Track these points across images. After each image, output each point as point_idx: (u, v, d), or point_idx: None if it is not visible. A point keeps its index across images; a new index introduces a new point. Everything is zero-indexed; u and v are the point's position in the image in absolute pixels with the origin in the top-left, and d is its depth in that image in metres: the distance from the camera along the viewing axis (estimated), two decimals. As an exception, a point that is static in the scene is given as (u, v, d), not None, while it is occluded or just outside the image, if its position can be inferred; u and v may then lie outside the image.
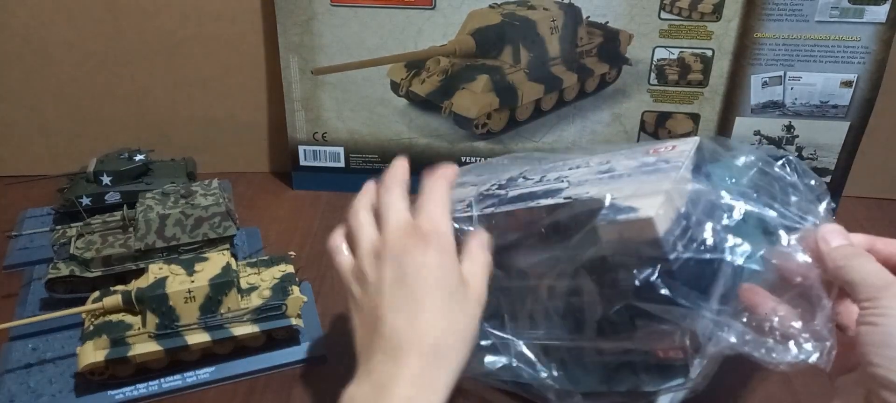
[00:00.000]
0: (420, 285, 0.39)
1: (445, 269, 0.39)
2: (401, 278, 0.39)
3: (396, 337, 0.38)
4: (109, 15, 0.78)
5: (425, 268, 0.39)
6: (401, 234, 0.40)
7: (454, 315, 0.39)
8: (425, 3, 0.73)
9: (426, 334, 0.37)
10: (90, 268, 0.62)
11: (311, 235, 0.76)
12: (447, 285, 0.39)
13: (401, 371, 0.36)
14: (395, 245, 0.40)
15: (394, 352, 0.37)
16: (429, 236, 0.39)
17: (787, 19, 0.71)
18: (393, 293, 0.39)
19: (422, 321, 0.38)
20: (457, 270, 0.40)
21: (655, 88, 0.76)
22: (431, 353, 0.37)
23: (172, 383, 0.56)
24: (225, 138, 0.86)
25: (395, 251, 0.40)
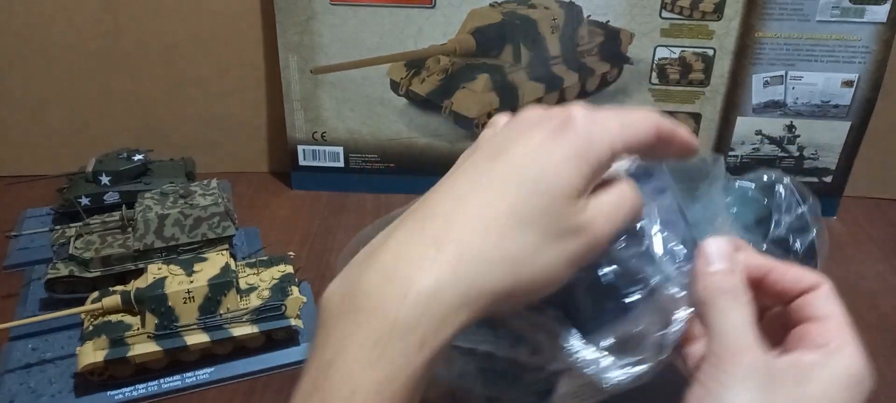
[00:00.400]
0: (497, 165, 0.30)
1: (550, 159, 0.29)
2: (491, 150, 0.31)
3: (422, 216, 0.29)
4: (109, 15, 0.78)
5: (523, 145, 0.30)
6: (536, 112, 0.32)
7: (519, 224, 0.28)
8: (425, 2, 0.73)
9: (459, 228, 0.28)
10: (89, 268, 0.62)
11: (311, 235, 0.76)
12: (534, 177, 0.29)
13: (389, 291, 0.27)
14: (519, 120, 0.32)
15: (410, 232, 0.29)
16: (571, 121, 0.30)
17: (788, 19, 0.70)
18: (465, 164, 0.31)
19: (464, 207, 0.29)
20: (571, 171, 0.29)
21: (656, 88, 0.76)
22: (455, 258, 0.28)
23: (172, 383, 0.56)
24: (224, 138, 0.86)
25: (513, 123, 0.32)
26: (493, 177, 0.30)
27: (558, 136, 0.30)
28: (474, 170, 0.31)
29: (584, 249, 0.30)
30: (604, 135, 0.31)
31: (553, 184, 0.29)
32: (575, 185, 0.29)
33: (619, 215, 0.32)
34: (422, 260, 0.28)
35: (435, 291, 0.27)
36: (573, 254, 0.30)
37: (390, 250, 0.29)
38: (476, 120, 0.78)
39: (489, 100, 0.77)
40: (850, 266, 0.73)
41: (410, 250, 0.28)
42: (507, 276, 0.28)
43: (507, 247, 0.28)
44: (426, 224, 0.29)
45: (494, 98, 0.77)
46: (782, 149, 0.78)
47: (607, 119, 0.31)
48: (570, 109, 0.31)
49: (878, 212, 0.82)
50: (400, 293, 0.27)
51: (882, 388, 0.58)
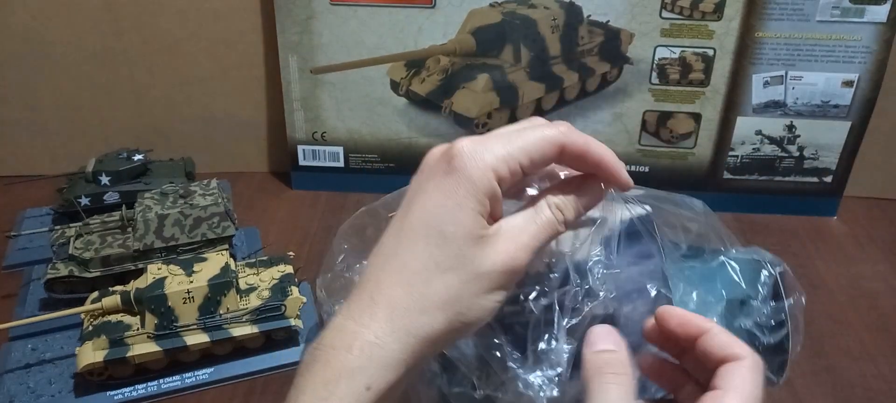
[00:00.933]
0: (408, 221, 0.33)
1: (445, 208, 0.32)
2: (405, 205, 0.34)
3: (364, 278, 0.33)
4: (109, 15, 0.78)
5: (423, 198, 0.33)
6: (435, 155, 0.35)
7: (437, 272, 0.32)
8: (425, 2, 0.73)
9: (387, 285, 0.32)
10: (89, 269, 0.62)
11: (311, 235, 0.76)
12: (437, 228, 0.32)
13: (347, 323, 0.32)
14: (423, 167, 0.35)
15: (356, 293, 0.33)
16: (453, 161, 0.33)
17: (788, 19, 0.70)
18: (391, 223, 0.34)
19: (390, 265, 0.33)
20: (465, 215, 0.32)
21: (657, 87, 0.76)
22: (388, 311, 0.32)
23: (171, 384, 0.56)
24: (224, 138, 0.86)
25: (419, 174, 0.35)
26: (407, 233, 0.33)
27: (446, 182, 0.33)
28: (394, 228, 0.34)
29: (507, 279, 0.33)
30: (484, 166, 0.33)
31: (454, 230, 0.32)
32: (472, 226, 0.32)
33: (525, 240, 0.33)
34: (361, 316, 0.32)
35: (375, 342, 0.31)
36: (496, 286, 0.33)
37: (341, 312, 0.33)
38: (476, 120, 0.78)
39: (489, 101, 0.77)
40: (850, 266, 0.73)
41: (353, 308, 0.33)
42: (440, 320, 0.32)
43: (434, 294, 0.32)
44: (364, 285, 0.33)
45: (494, 98, 0.77)
46: (782, 149, 0.77)
47: (491, 144, 0.33)
48: (454, 147, 0.33)
49: (879, 212, 0.82)
50: (347, 344, 0.31)
51: (882, 387, 0.58)
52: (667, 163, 0.79)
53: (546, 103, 0.78)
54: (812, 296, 0.68)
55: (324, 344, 0.32)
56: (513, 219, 0.34)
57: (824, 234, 0.78)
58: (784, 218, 0.80)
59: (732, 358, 0.33)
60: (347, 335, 0.32)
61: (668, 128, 0.78)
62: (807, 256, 0.74)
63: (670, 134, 0.78)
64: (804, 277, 0.71)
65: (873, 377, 0.58)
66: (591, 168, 0.35)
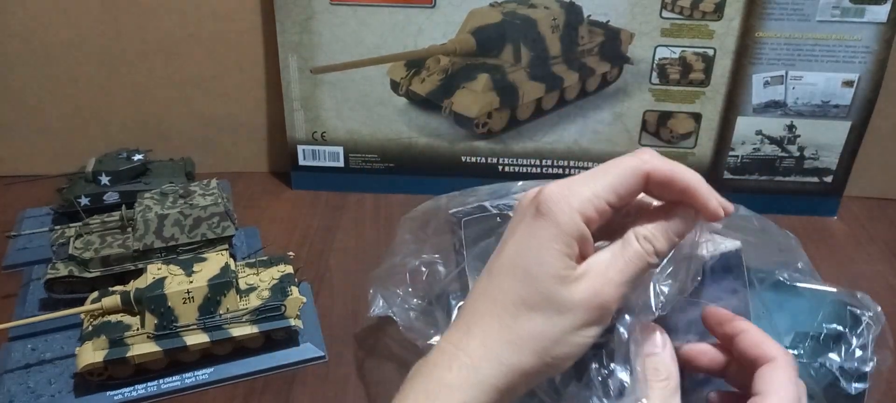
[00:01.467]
0: (500, 260, 0.35)
1: (531, 249, 0.34)
2: (499, 246, 0.36)
3: (463, 309, 0.36)
4: (109, 15, 0.78)
5: (513, 240, 0.35)
6: (527, 198, 0.36)
7: (523, 308, 0.34)
8: (425, 2, 0.73)
9: (480, 315, 0.35)
10: (89, 269, 0.62)
11: (311, 235, 0.76)
12: (524, 267, 0.34)
13: (440, 363, 0.34)
14: (515, 210, 0.37)
15: (455, 322, 0.36)
16: (540, 206, 0.34)
17: (788, 19, 0.70)
18: (488, 262, 0.36)
19: (484, 299, 0.35)
20: (550, 255, 0.33)
21: (657, 87, 0.76)
22: (481, 339, 0.34)
23: (171, 384, 0.56)
24: (223, 138, 0.86)
25: (512, 218, 0.36)
26: (498, 271, 0.35)
27: (534, 224, 0.34)
28: (488, 267, 0.36)
29: (594, 316, 0.34)
30: (570, 209, 0.34)
31: (540, 271, 0.34)
32: (557, 267, 0.33)
33: (611, 275, 0.34)
34: (459, 341, 0.35)
35: (470, 364, 0.34)
36: (583, 323, 0.34)
37: (444, 336, 0.36)
38: (476, 120, 0.78)
39: (489, 100, 0.77)
40: (850, 266, 0.73)
41: (453, 334, 0.35)
42: (528, 354, 0.34)
43: (523, 329, 0.34)
44: (463, 315, 0.36)
45: (494, 98, 0.77)
46: (783, 149, 0.77)
47: (576, 187, 0.34)
48: (542, 193, 0.35)
49: (879, 212, 0.82)
50: (447, 363, 0.34)
51: (882, 387, 0.58)
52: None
53: (546, 103, 0.78)
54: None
55: (428, 361, 0.35)
56: (600, 255, 0.35)
57: (824, 234, 0.78)
58: (784, 218, 0.80)
59: (765, 359, 0.35)
60: (447, 355, 0.35)
61: (668, 128, 0.78)
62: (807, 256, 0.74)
63: (671, 134, 0.78)
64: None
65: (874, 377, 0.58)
66: (679, 195, 0.35)
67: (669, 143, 0.78)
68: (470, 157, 0.81)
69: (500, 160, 0.81)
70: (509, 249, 0.35)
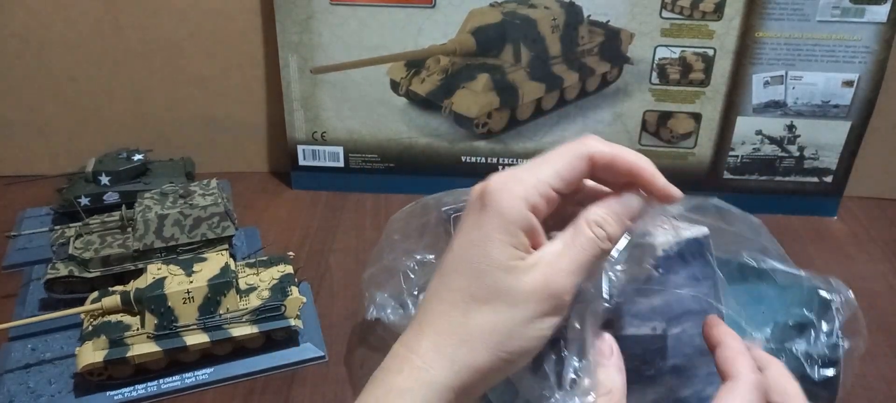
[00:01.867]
0: (448, 257, 0.34)
1: (476, 243, 0.33)
2: (449, 243, 0.35)
3: (418, 309, 0.35)
4: (108, 15, 0.78)
5: (459, 235, 0.34)
6: (473, 194, 0.35)
7: (473, 303, 0.33)
8: (425, 2, 0.73)
9: (433, 315, 0.34)
10: (89, 269, 0.62)
11: (311, 235, 0.76)
12: (469, 262, 0.33)
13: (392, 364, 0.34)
14: (466, 206, 0.35)
15: (411, 323, 0.35)
16: (484, 197, 0.33)
17: (788, 19, 0.70)
18: (440, 260, 0.35)
19: (435, 298, 0.34)
20: (494, 247, 0.32)
21: (657, 87, 0.76)
22: (433, 340, 0.33)
23: (171, 384, 0.56)
24: (223, 138, 0.86)
25: (463, 213, 0.35)
26: (446, 268, 0.34)
27: (480, 217, 0.33)
28: (440, 264, 0.35)
29: (547, 306, 0.33)
30: (513, 197, 0.33)
31: (486, 263, 0.33)
32: (503, 258, 0.33)
33: (563, 264, 0.33)
34: (410, 342, 0.34)
35: (422, 366, 0.33)
36: (536, 314, 0.33)
37: (399, 339, 0.35)
38: (476, 120, 0.78)
39: (489, 100, 0.77)
40: (850, 266, 0.73)
41: (406, 336, 0.34)
42: (483, 351, 0.33)
43: (474, 325, 0.33)
44: (417, 316, 0.35)
45: (494, 98, 0.77)
46: (783, 149, 0.77)
47: (520, 174, 0.34)
48: (486, 184, 0.34)
49: (879, 212, 0.82)
50: (398, 366, 0.33)
51: (882, 387, 0.58)
52: (667, 163, 0.79)
53: (546, 103, 0.78)
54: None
55: (382, 367, 0.34)
56: (551, 245, 0.34)
57: (824, 234, 0.78)
58: (784, 218, 0.80)
59: (728, 377, 0.34)
60: (399, 358, 0.34)
61: (668, 128, 0.78)
62: (807, 256, 0.74)
63: (670, 134, 0.78)
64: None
65: (873, 377, 0.58)
66: (626, 177, 0.35)
67: (669, 143, 0.78)
68: (470, 157, 0.81)
69: (500, 160, 0.81)
70: (456, 245, 0.34)
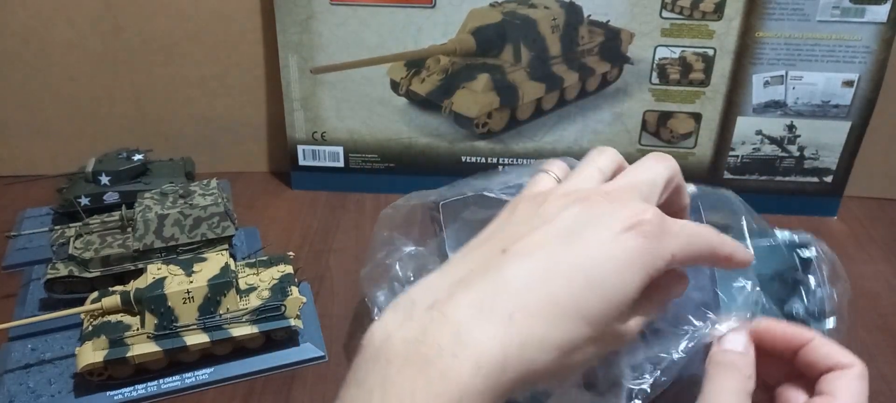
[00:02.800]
0: (572, 260, 0.30)
1: (619, 273, 0.30)
2: (565, 236, 0.31)
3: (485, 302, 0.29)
4: (108, 15, 0.78)
5: (597, 248, 0.31)
6: (611, 192, 0.34)
7: (580, 329, 0.30)
8: (425, 2, 0.73)
9: (529, 325, 0.29)
10: (89, 269, 0.62)
11: (311, 235, 0.76)
12: (602, 294, 0.30)
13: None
14: (596, 196, 0.33)
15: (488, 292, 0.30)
16: (639, 224, 0.31)
17: (788, 19, 0.70)
18: (538, 239, 0.31)
19: (535, 300, 0.30)
20: (631, 288, 0.31)
21: (657, 87, 0.76)
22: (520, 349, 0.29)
23: (171, 384, 0.56)
24: (223, 138, 0.86)
25: (589, 201, 0.33)
26: (565, 267, 0.30)
27: (628, 237, 0.31)
28: (548, 250, 0.31)
29: (619, 345, 0.33)
30: (667, 249, 0.32)
31: (615, 291, 0.30)
32: (631, 295, 0.31)
33: (652, 312, 0.34)
34: (496, 331, 0.28)
35: (503, 365, 0.28)
36: (609, 348, 0.33)
37: (463, 308, 0.29)
38: (476, 120, 0.78)
39: (489, 100, 0.77)
40: (850, 266, 0.72)
41: (485, 317, 0.29)
42: (555, 361, 0.30)
43: (563, 336, 0.30)
44: (500, 295, 0.29)
45: (494, 98, 0.77)
46: (783, 149, 0.77)
47: (675, 230, 0.32)
48: (644, 211, 0.32)
49: (879, 212, 0.82)
50: (474, 360, 0.27)
51: (882, 388, 0.58)
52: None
53: (546, 103, 0.78)
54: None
55: (438, 345, 0.28)
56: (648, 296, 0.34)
57: (824, 234, 0.78)
58: (784, 219, 0.80)
59: (839, 367, 0.33)
60: (473, 347, 0.28)
61: (668, 128, 0.78)
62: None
63: (670, 134, 0.78)
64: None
65: (873, 377, 0.57)
66: (728, 265, 0.36)
67: (669, 143, 0.78)
68: (470, 157, 0.81)
69: (500, 160, 0.81)
70: (586, 249, 0.30)
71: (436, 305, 0.29)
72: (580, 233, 0.31)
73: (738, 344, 0.35)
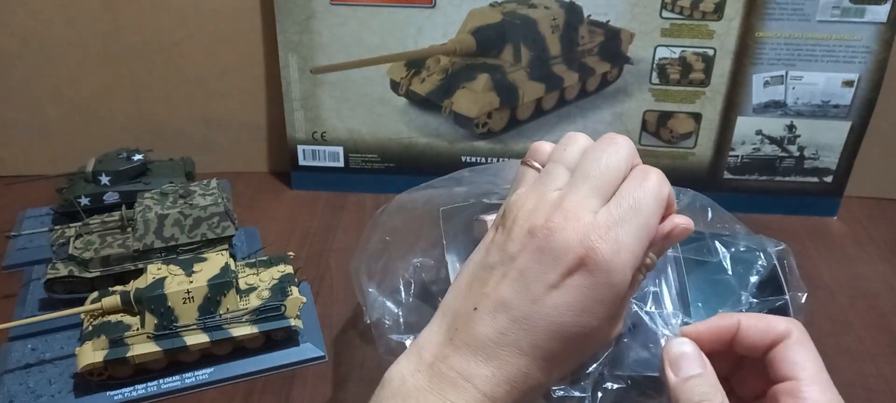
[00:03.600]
0: (517, 298, 0.33)
1: (574, 314, 0.32)
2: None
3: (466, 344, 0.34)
4: (108, 14, 0.78)
5: (536, 285, 0.33)
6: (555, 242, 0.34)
7: (552, 368, 0.34)
8: (425, 2, 0.73)
9: (495, 365, 0.33)
10: (89, 269, 0.62)
11: (311, 235, 0.76)
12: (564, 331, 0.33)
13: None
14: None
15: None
16: (587, 264, 0.32)
17: (788, 19, 0.70)
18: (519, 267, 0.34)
19: (498, 347, 0.33)
20: (602, 326, 0.33)
21: (657, 87, 0.76)
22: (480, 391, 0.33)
23: (171, 384, 0.56)
24: (223, 138, 0.86)
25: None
26: (527, 325, 0.33)
27: (575, 280, 0.32)
28: (510, 311, 0.33)
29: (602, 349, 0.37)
30: (619, 271, 0.32)
31: (577, 332, 0.33)
32: (595, 326, 0.33)
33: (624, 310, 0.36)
34: (487, 371, 0.33)
35: (494, 393, 0.33)
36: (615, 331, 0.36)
37: (456, 362, 0.33)
38: (476, 120, 0.78)
39: (489, 100, 0.77)
40: (850, 266, 0.73)
41: (475, 365, 0.33)
42: (544, 382, 0.34)
43: (541, 373, 0.33)
44: (482, 349, 0.33)
45: (494, 98, 0.77)
46: (783, 149, 0.77)
47: (625, 241, 0.33)
48: (591, 249, 0.32)
49: (879, 212, 0.82)
50: (474, 389, 0.33)
51: (882, 388, 0.58)
52: (667, 163, 0.79)
53: (546, 103, 0.78)
54: (812, 297, 0.68)
55: (419, 389, 0.33)
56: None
57: (824, 234, 0.78)
58: (784, 218, 0.80)
59: (779, 339, 0.33)
60: (450, 383, 0.33)
61: (668, 128, 0.78)
62: (807, 256, 0.74)
63: (670, 134, 0.78)
64: (804, 277, 0.71)
65: (873, 377, 0.58)
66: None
67: (669, 143, 0.78)
68: (470, 157, 0.81)
69: (500, 160, 0.81)
70: (536, 295, 0.32)
71: (435, 363, 0.33)
72: (534, 285, 0.33)
73: (695, 365, 0.34)
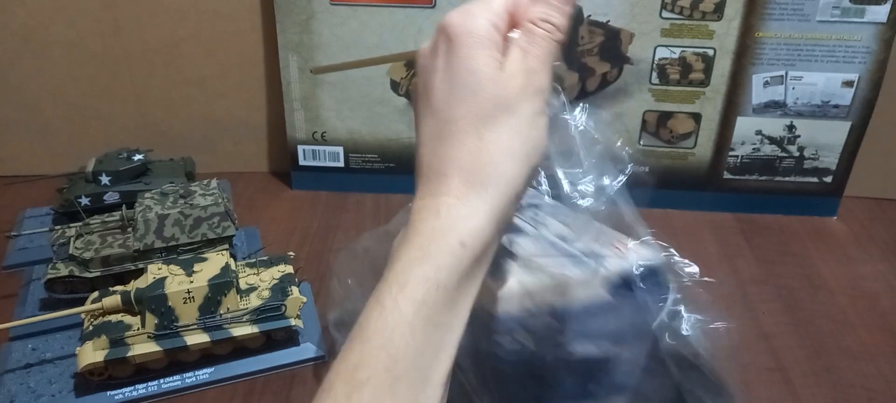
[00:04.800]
0: (430, 104, 0.37)
1: (461, 73, 0.36)
2: (423, 95, 0.39)
3: (423, 164, 0.38)
4: (108, 15, 0.78)
5: (437, 83, 0.37)
6: (427, 49, 0.39)
7: (484, 123, 0.35)
8: (425, 2, 0.73)
9: (449, 157, 0.36)
10: (89, 269, 0.62)
11: (311, 235, 0.76)
12: (466, 88, 0.36)
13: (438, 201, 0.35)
14: (420, 67, 0.40)
15: (422, 180, 0.38)
16: (447, 34, 0.37)
17: (788, 19, 0.70)
18: (419, 115, 0.39)
19: (444, 141, 0.37)
20: (480, 65, 0.35)
21: (657, 88, 0.76)
22: (459, 175, 0.35)
23: (171, 383, 0.56)
24: (224, 138, 0.86)
25: (425, 66, 0.39)
26: (438, 106, 0.37)
27: (453, 48, 0.36)
28: (425, 117, 0.39)
29: (538, 105, 0.36)
30: (480, 19, 0.36)
31: (478, 80, 0.35)
32: (490, 70, 0.35)
33: (532, 63, 0.37)
34: (437, 190, 0.35)
35: (457, 203, 0.34)
36: (533, 113, 0.36)
37: (418, 198, 0.37)
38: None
39: (489, 100, 0.77)
40: (850, 266, 0.73)
41: (427, 189, 0.36)
42: (510, 163, 0.35)
43: (493, 143, 0.35)
44: (428, 169, 0.37)
45: (494, 98, 0.77)
46: (782, 149, 0.77)
47: (474, 8, 0.36)
48: (445, 24, 0.37)
49: (879, 212, 0.82)
50: (434, 212, 0.35)
51: (882, 387, 0.58)
52: (667, 163, 0.79)
53: (546, 103, 0.78)
54: (812, 297, 0.68)
55: (412, 224, 0.35)
56: (512, 53, 0.36)
57: (824, 234, 0.78)
58: (784, 218, 0.80)
59: None
60: (430, 209, 0.35)
61: (668, 128, 0.78)
62: (807, 256, 0.74)
63: (670, 134, 0.78)
64: (805, 277, 0.71)
65: (873, 377, 0.58)
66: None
67: (669, 143, 0.78)
68: (470, 157, 0.81)
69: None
70: (436, 85, 0.37)
71: (438, 193, 0.36)
72: (428, 86, 0.38)
73: None
